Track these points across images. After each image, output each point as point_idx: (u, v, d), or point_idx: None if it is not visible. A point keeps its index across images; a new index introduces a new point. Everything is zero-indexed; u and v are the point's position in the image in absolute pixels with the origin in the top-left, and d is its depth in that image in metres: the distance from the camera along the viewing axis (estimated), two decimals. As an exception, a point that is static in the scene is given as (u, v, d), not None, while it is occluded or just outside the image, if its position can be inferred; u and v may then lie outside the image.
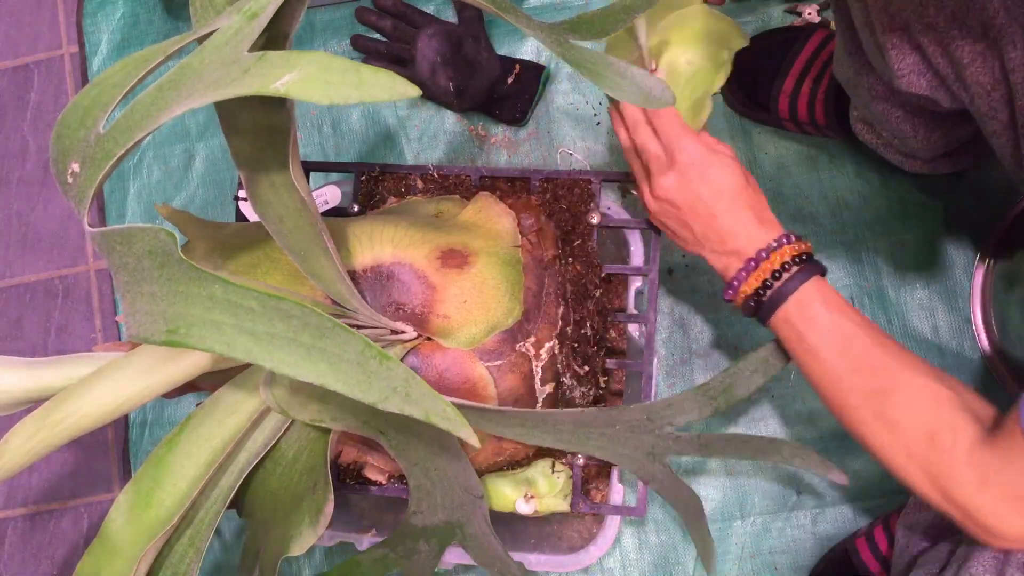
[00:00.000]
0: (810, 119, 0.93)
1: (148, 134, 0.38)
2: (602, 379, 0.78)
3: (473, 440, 0.38)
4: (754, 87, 0.96)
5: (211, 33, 0.39)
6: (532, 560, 0.85)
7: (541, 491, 0.75)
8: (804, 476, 0.96)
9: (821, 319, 0.60)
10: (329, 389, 0.36)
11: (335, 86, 0.31)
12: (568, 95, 1.05)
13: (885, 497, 0.93)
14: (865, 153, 0.97)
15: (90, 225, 0.42)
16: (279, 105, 0.47)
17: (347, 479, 0.78)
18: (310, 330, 0.35)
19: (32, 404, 0.55)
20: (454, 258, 0.68)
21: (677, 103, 0.62)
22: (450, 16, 1.05)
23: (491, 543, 0.67)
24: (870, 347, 0.59)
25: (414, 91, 0.32)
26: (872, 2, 0.62)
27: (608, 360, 0.78)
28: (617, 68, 0.51)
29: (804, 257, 0.62)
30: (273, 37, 0.41)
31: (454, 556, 0.84)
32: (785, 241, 0.63)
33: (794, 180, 1.01)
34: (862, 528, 0.92)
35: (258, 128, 0.48)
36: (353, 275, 0.66)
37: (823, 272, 0.63)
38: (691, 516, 0.71)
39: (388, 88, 0.31)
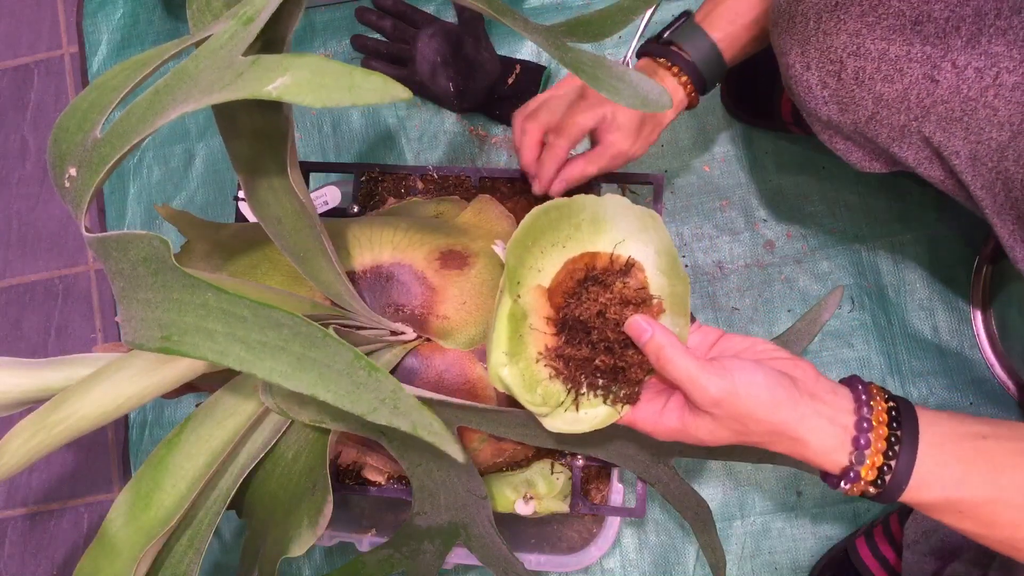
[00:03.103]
0: None
1: (144, 138, 0.38)
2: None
3: (459, 456, 0.38)
4: (754, 94, 0.97)
5: (208, 37, 0.39)
6: (532, 560, 0.85)
7: (541, 492, 0.75)
8: (804, 476, 0.96)
9: (952, 481, 0.50)
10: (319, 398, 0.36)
11: (327, 89, 0.31)
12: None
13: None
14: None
15: (88, 227, 0.42)
16: (276, 108, 0.47)
17: (346, 480, 0.78)
18: (300, 339, 0.35)
19: (32, 404, 0.56)
20: (454, 259, 0.68)
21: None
22: (450, 16, 1.05)
23: (496, 544, 0.67)
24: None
25: (405, 94, 0.32)
26: (814, 121, 0.66)
27: (607, 361, 0.78)
28: (614, 71, 0.51)
29: (893, 405, 0.52)
30: (271, 40, 0.41)
31: (454, 556, 0.84)
32: (864, 397, 0.52)
33: (794, 180, 1.01)
34: (862, 528, 0.92)
35: (256, 131, 0.48)
36: (353, 276, 0.66)
37: (913, 413, 0.53)
38: (700, 524, 0.70)
39: (380, 91, 0.31)
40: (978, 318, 0.95)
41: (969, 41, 0.56)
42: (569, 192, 0.74)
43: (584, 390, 0.57)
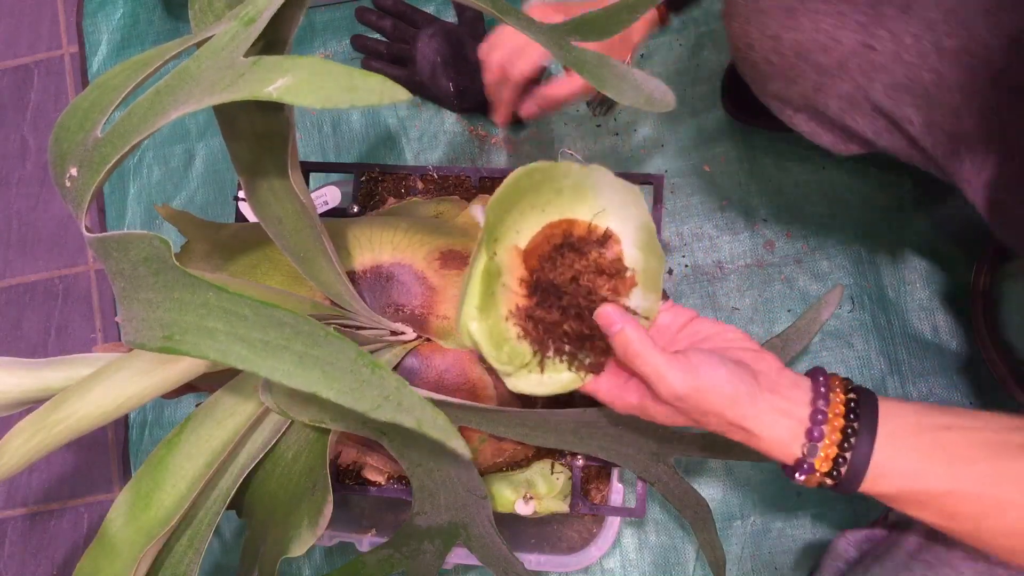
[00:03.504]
0: None
1: (145, 138, 0.38)
2: (602, 380, 0.78)
3: (465, 452, 0.38)
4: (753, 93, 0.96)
5: (210, 38, 0.39)
6: (532, 560, 0.85)
7: (540, 492, 0.75)
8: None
9: (906, 474, 0.50)
10: (322, 397, 0.36)
11: (327, 91, 0.31)
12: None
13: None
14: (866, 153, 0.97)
15: (88, 227, 0.42)
16: (277, 109, 0.47)
17: (346, 480, 0.78)
18: (303, 338, 0.35)
19: (32, 404, 0.56)
20: (453, 259, 0.68)
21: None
22: (450, 16, 1.05)
23: (496, 543, 0.67)
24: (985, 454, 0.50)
25: (405, 95, 0.32)
26: (770, 100, 0.67)
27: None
28: (618, 70, 0.51)
29: (853, 397, 0.52)
30: (272, 41, 0.41)
31: (454, 556, 0.84)
32: (823, 390, 0.53)
33: (794, 180, 1.01)
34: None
35: (257, 132, 0.48)
36: (353, 276, 0.66)
37: (875, 403, 0.52)
38: (700, 524, 0.70)
39: (379, 92, 0.31)
40: (978, 318, 0.95)
41: (903, 10, 0.56)
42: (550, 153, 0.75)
43: (551, 354, 0.57)
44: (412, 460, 0.64)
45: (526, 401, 0.70)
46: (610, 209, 0.58)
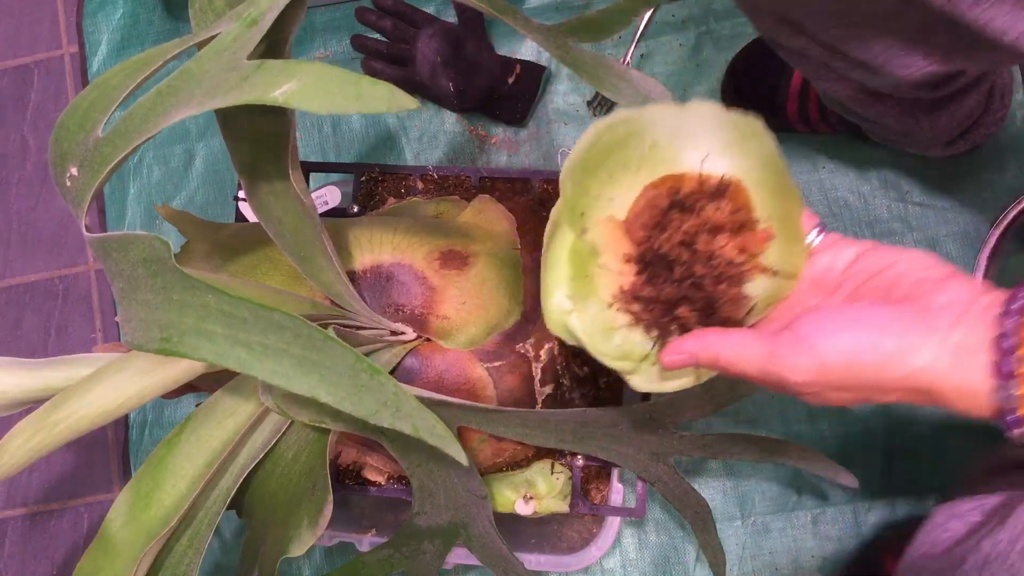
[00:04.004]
0: (821, 116, 0.92)
1: (146, 140, 0.38)
2: (602, 380, 0.78)
3: (462, 458, 0.38)
4: (755, 91, 0.96)
5: (212, 38, 0.39)
6: (532, 560, 0.85)
7: (540, 492, 0.75)
8: (805, 476, 0.96)
9: None
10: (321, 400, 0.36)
11: (333, 96, 0.31)
12: (568, 96, 1.05)
13: (885, 497, 0.93)
14: (867, 153, 0.97)
15: (89, 228, 0.42)
16: (279, 112, 0.47)
17: (346, 480, 0.78)
18: (301, 342, 0.35)
19: (32, 404, 0.56)
20: (453, 259, 0.68)
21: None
22: (450, 16, 1.05)
23: (496, 544, 0.67)
24: None
25: (411, 103, 0.32)
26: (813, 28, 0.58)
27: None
28: (616, 71, 0.51)
29: None
30: (273, 42, 0.41)
31: (454, 556, 0.84)
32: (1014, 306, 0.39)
33: (795, 179, 1.01)
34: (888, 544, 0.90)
35: (258, 134, 0.48)
36: (353, 276, 0.66)
37: None
38: (700, 524, 0.70)
39: (386, 100, 0.31)
40: (978, 318, 0.95)
41: None
42: None
43: (672, 339, 0.47)
44: (412, 460, 0.64)
45: (525, 401, 0.70)
46: (721, 150, 0.47)
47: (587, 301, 0.47)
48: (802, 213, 0.47)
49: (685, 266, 0.46)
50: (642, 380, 0.48)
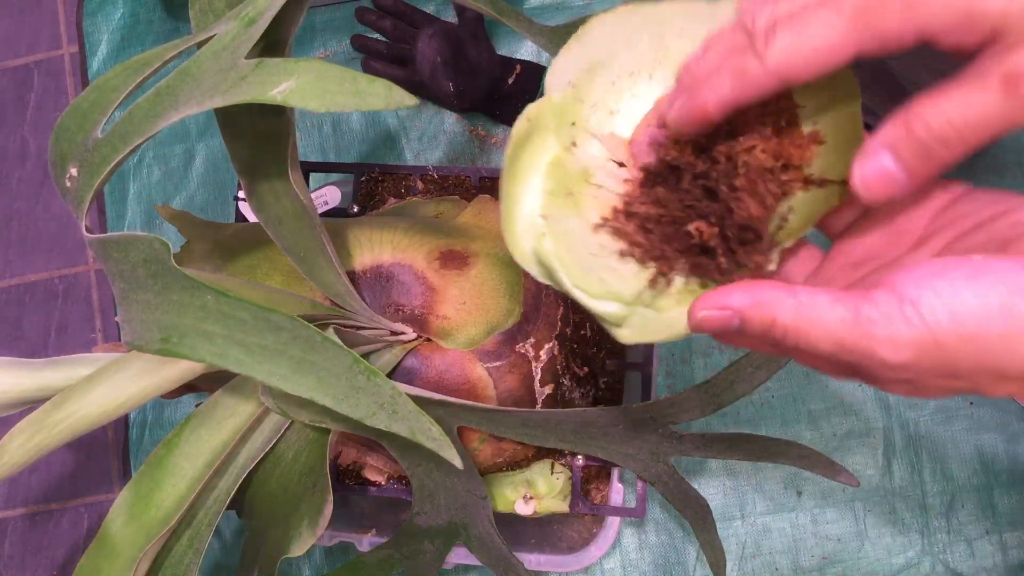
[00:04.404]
0: None
1: (146, 140, 0.38)
2: (602, 380, 0.78)
3: (457, 462, 0.38)
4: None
5: (210, 38, 0.39)
6: (532, 560, 0.85)
7: (540, 492, 0.75)
8: (805, 476, 0.96)
9: None
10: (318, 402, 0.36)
11: (332, 95, 0.31)
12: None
13: (886, 496, 0.93)
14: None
15: (88, 227, 0.42)
16: (278, 111, 0.47)
17: (346, 480, 0.78)
18: (299, 343, 0.36)
19: (32, 404, 0.56)
20: (454, 259, 0.68)
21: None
22: (450, 16, 1.05)
23: (496, 544, 0.67)
24: None
25: (410, 100, 0.32)
26: None
27: (608, 361, 0.78)
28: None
29: None
30: (272, 42, 0.41)
31: (454, 556, 0.84)
32: None
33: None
34: None
35: (257, 133, 0.48)
36: (353, 276, 0.66)
37: None
38: (700, 524, 0.70)
39: (385, 97, 0.31)
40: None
41: None
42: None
43: (681, 272, 0.35)
44: (412, 460, 0.64)
45: (525, 401, 0.70)
46: None
47: (566, 222, 0.36)
48: (860, 107, 0.34)
49: (701, 179, 0.35)
50: (632, 332, 0.35)
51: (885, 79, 0.51)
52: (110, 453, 1.10)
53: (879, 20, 0.29)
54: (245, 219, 0.83)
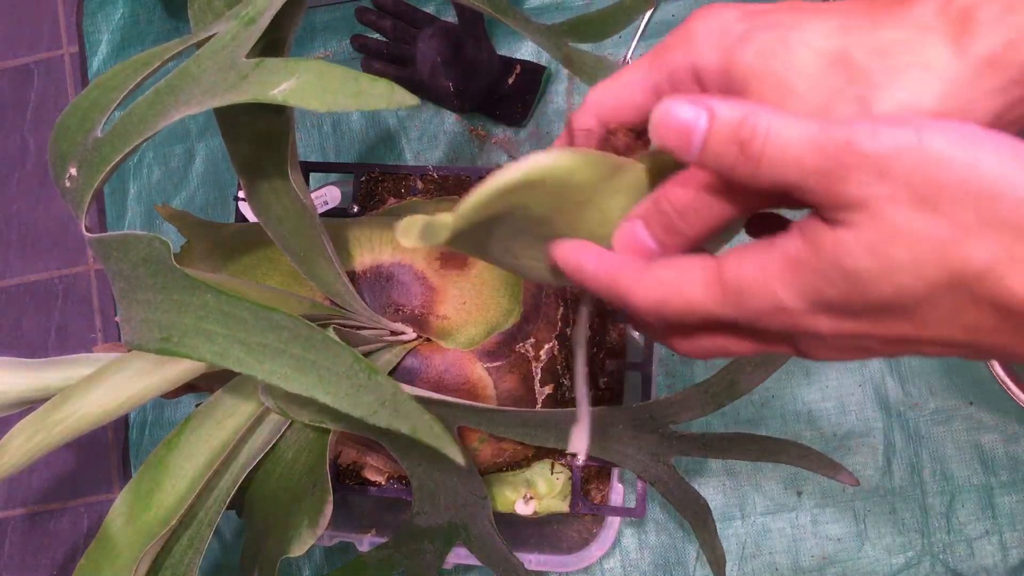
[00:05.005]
0: None
1: (145, 140, 0.38)
2: (601, 380, 0.78)
3: (459, 459, 0.38)
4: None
5: (210, 37, 0.39)
6: (532, 560, 0.85)
7: (541, 492, 0.75)
8: (805, 476, 0.96)
9: None
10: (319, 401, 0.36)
11: (333, 94, 0.31)
12: (569, 96, 1.05)
13: (886, 496, 0.93)
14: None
15: (88, 227, 0.42)
16: (278, 111, 0.47)
17: (347, 480, 0.78)
18: (300, 341, 0.35)
19: (32, 404, 0.56)
20: (453, 259, 0.68)
21: None
22: (450, 16, 1.05)
23: (496, 544, 0.67)
24: None
25: (412, 100, 0.32)
26: None
27: (608, 361, 0.78)
28: (614, 71, 0.51)
29: None
30: (272, 42, 0.41)
31: (454, 556, 0.84)
32: None
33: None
34: None
35: (257, 133, 0.48)
36: (353, 276, 0.66)
37: None
38: (700, 524, 0.70)
39: (386, 97, 0.31)
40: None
41: None
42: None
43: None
44: (412, 460, 0.64)
45: (525, 401, 0.70)
46: None
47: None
48: None
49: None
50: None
51: None
52: (110, 453, 1.10)
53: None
54: (245, 219, 0.83)
